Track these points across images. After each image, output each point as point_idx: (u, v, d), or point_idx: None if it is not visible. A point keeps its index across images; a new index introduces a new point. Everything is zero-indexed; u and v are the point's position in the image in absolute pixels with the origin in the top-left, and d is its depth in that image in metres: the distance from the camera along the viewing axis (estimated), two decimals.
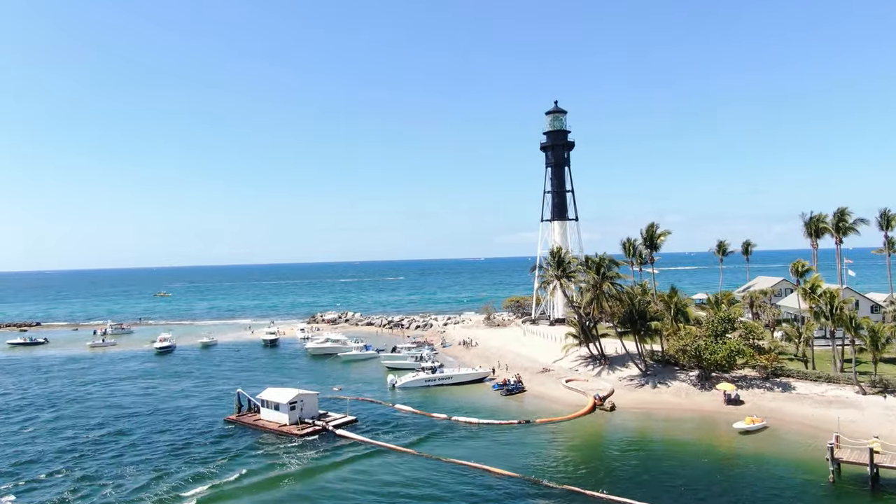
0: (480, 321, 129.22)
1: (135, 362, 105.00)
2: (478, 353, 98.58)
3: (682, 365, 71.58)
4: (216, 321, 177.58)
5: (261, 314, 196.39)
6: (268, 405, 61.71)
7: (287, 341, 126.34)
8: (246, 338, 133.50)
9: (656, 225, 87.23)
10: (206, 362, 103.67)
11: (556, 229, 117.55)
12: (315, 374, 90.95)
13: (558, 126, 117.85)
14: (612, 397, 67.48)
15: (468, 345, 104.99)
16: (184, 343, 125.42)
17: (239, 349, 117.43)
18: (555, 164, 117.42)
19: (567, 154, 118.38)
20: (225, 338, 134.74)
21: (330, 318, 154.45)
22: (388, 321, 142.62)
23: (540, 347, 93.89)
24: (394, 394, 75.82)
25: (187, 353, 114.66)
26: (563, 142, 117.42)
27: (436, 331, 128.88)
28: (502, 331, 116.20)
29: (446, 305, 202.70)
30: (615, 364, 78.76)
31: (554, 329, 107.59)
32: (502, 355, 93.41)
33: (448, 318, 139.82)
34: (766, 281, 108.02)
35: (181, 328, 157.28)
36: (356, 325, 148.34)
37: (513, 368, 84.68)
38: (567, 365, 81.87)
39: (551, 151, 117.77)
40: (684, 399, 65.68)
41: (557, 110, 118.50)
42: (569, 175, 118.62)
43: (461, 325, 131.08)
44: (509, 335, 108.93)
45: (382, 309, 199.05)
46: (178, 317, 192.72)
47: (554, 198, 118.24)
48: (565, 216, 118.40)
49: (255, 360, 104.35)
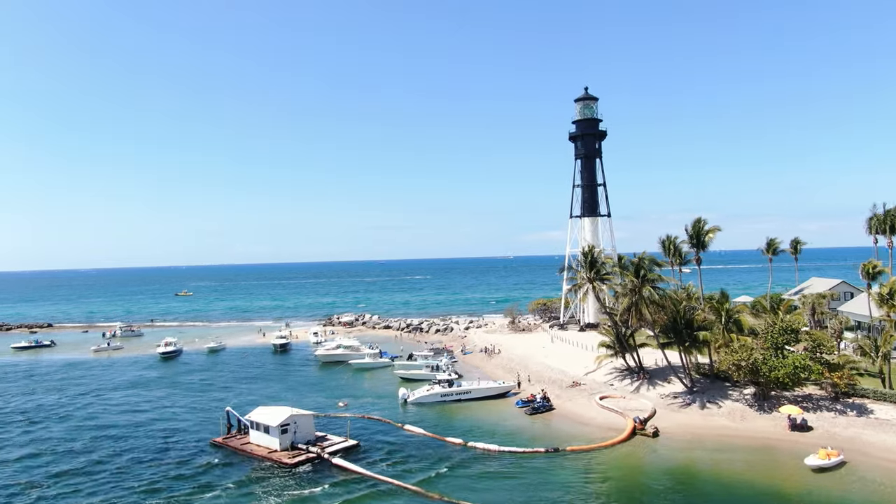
0: (504, 325, 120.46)
1: (134, 369, 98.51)
2: (500, 363, 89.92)
3: (733, 381, 62.19)
4: (231, 322, 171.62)
5: (279, 315, 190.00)
6: (257, 427, 53.98)
7: (299, 346, 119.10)
8: (257, 342, 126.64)
9: (704, 220, 77.58)
10: (209, 369, 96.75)
11: (586, 226, 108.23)
12: (322, 385, 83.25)
13: (588, 114, 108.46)
14: (655, 419, 58.38)
15: (490, 352, 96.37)
16: (190, 347, 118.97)
17: (246, 355, 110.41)
18: (585, 155, 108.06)
19: (598, 144, 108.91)
20: (235, 341, 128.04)
21: (346, 321, 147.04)
22: (407, 325, 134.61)
23: (569, 357, 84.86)
24: (405, 410, 67.70)
25: (192, 359, 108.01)
26: (593, 131, 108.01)
27: (456, 336, 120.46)
28: (528, 337, 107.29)
29: (471, 307, 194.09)
30: (656, 378, 69.47)
31: (584, 335, 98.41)
32: (527, 365, 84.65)
33: (470, 321, 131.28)
34: (821, 283, 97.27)
35: (193, 330, 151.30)
36: (373, 328, 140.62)
37: (539, 381, 75.93)
38: (600, 378, 72.79)
39: (581, 142, 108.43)
40: (740, 423, 56.26)
41: (587, 97, 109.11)
42: (600, 167, 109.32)
43: (484, 329, 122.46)
44: (535, 342, 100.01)
45: (405, 310, 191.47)
46: (193, 318, 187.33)
47: (584, 192, 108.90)
48: (596, 212, 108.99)
49: (260, 368, 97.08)
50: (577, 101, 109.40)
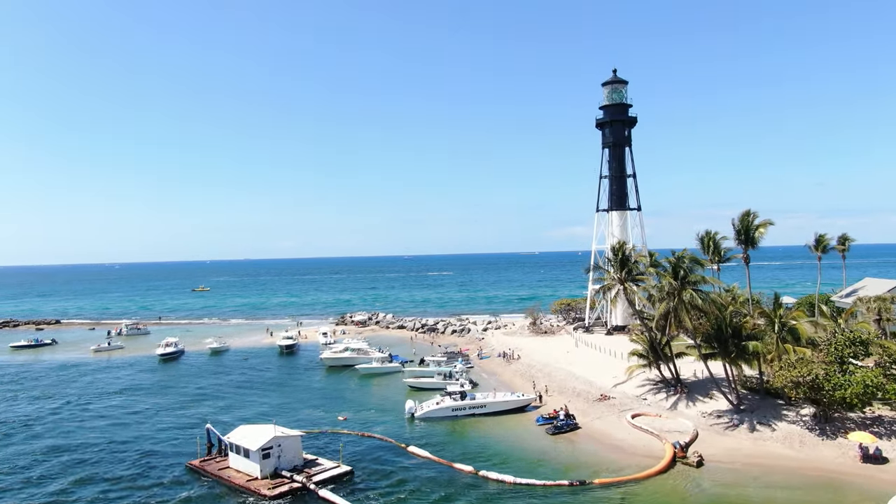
0: (525, 326, 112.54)
1: (129, 373, 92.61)
2: (519, 370, 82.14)
3: (787, 398, 53.81)
4: (241, 320, 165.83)
5: (293, 312, 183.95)
6: (237, 450, 46.99)
7: (307, 347, 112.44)
8: (263, 342, 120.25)
9: (754, 213, 68.81)
10: (206, 374, 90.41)
11: (614, 220, 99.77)
12: (324, 393, 76.25)
13: (617, 99, 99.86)
14: (697, 443, 50.26)
15: (509, 357, 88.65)
16: (193, 348, 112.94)
17: (249, 357, 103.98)
18: (613, 143, 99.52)
19: (628, 132, 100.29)
20: (240, 341, 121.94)
21: (359, 320, 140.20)
22: (422, 325, 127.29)
23: (596, 365, 76.78)
24: (412, 426, 60.40)
25: (192, 361, 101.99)
26: (622, 117, 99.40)
27: (473, 338, 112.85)
28: (550, 340, 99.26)
29: (492, 306, 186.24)
30: (695, 393, 61.19)
31: (612, 340, 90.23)
32: (549, 373, 76.81)
33: (488, 322, 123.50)
34: (877, 284, 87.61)
35: (201, 329, 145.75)
36: (387, 328, 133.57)
37: (562, 392, 68.10)
38: (632, 391, 64.69)
39: (609, 129, 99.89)
40: (799, 451, 47.90)
41: (616, 80, 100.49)
42: (630, 156, 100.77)
43: (503, 330, 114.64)
44: (558, 346, 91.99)
45: (424, 308, 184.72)
46: (204, 315, 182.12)
47: (612, 183, 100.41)
48: (625, 205, 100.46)
49: (260, 373, 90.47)
50: (605, 84, 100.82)
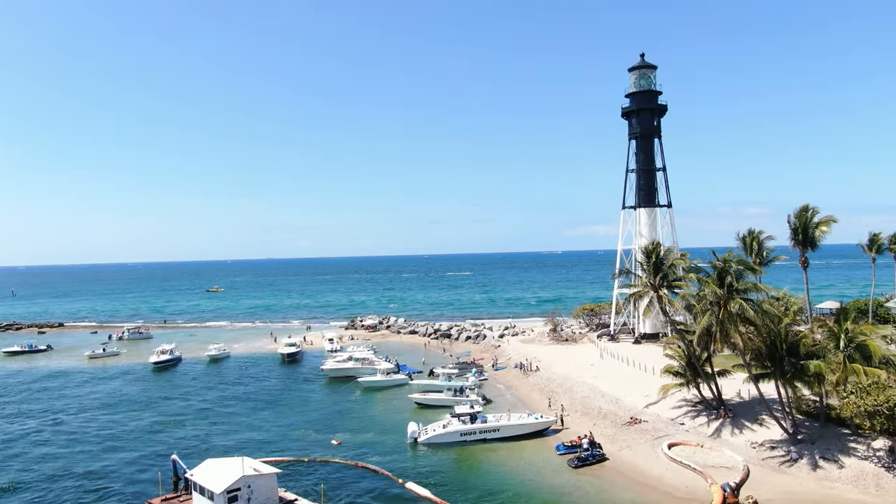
0: (544, 333, 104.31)
1: (118, 383, 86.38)
2: (538, 383, 74.13)
3: (855, 427, 45.28)
4: (249, 323, 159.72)
5: (305, 315, 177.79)
6: (200, 490, 39.72)
7: (312, 354, 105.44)
8: (266, 348, 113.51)
9: (813, 209, 60.04)
10: (198, 386, 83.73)
11: (642, 218, 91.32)
12: (321, 410, 68.97)
13: (645, 85, 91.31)
14: (749, 483, 42.01)
15: (526, 369, 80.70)
16: (192, 355, 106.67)
17: (248, 366, 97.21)
18: (641, 134, 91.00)
19: (657, 121, 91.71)
20: (243, 348, 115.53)
21: (369, 324, 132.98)
22: (435, 330, 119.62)
23: (624, 380, 68.51)
24: (415, 452, 52.95)
25: (187, 370, 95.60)
26: (651, 105, 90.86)
27: (489, 345, 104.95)
28: (572, 349, 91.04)
29: (512, 308, 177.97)
30: (742, 417, 52.76)
31: (641, 350, 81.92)
32: (570, 388, 68.77)
33: (505, 328, 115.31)
34: None
35: (206, 333, 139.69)
36: (398, 332, 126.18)
37: (586, 414, 60.09)
38: (667, 413, 56.41)
39: (636, 118, 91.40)
40: (876, 496, 39.42)
41: (644, 65, 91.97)
42: (659, 148, 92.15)
43: (521, 337, 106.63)
44: (581, 357, 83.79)
45: (440, 311, 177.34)
46: (212, 318, 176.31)
47: (640, 178, 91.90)
48: (654, 201, 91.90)
49: (257, 385, 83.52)
50: (632, 70, 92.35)
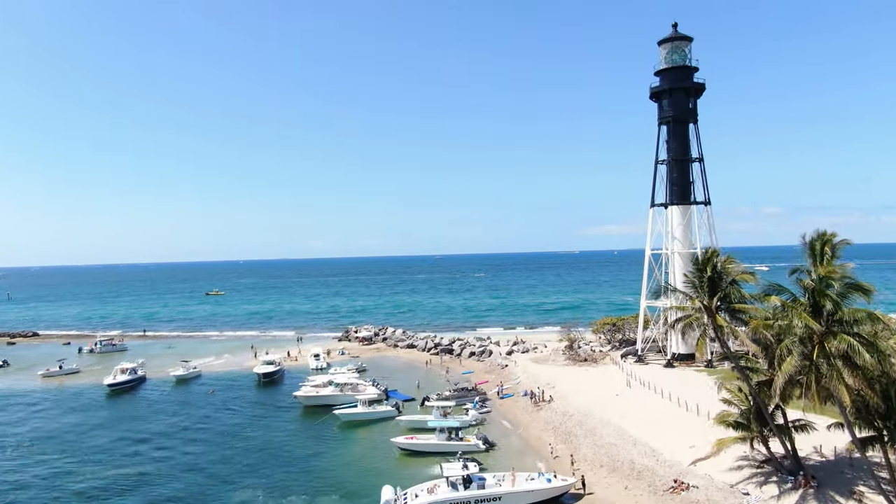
0: (559, 350, 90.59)
1: (57, 411, 74.29)
2: (552, 420, 60.48)
3: None
4: (238, 333, 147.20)
5: (303, 322, 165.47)
6: None
7: (295, 373, 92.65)
8: (244, 364, 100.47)
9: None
10: (150, 415, 71.25)
11: (674, 218, 77.45)
12: (280, 456, 55.89)
13: (678, 60, 77.36)
14: None
15: (538, 399, 67.07)
16: (160, 374, 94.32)
17: (216, 389, 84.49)
18: (674, 118, 77.07)
19: (693, 103, 77.84)
20: (220, 364, 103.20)
21: (364, 336, 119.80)
22: (435, 344, 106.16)
23: (661, 420, 54.65)
24: None
25: (147, 394, 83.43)
26: (685, 83, 76.97)
27: (495, 363, 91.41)
28: (591, 372, 77.22)
29: (525, 316, 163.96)
30: (830, 486, 38.83)
31: (676, 376, 68.21)
32: (592, 430, 55.12)
33: (514, 343, 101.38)
34: None
35: (186, 344, 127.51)
36: (395, 346, 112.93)
37: (614, 470, 46.51)
38: (722, 475, 42.52)
39: (668, 100, 77.49)
40: None
41: (677, 37, 78.01)
42: (695, 135, 78.19)
43: (532, 354, 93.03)
44: (603, 383, 69.98)
45: (448, 318, 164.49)
46: (201, 326, 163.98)
47: (671, 170, 77.96)
48: (689, 198, 77.94)
49: (217, 415, 70.69)
50: (663, 43, 78.41)
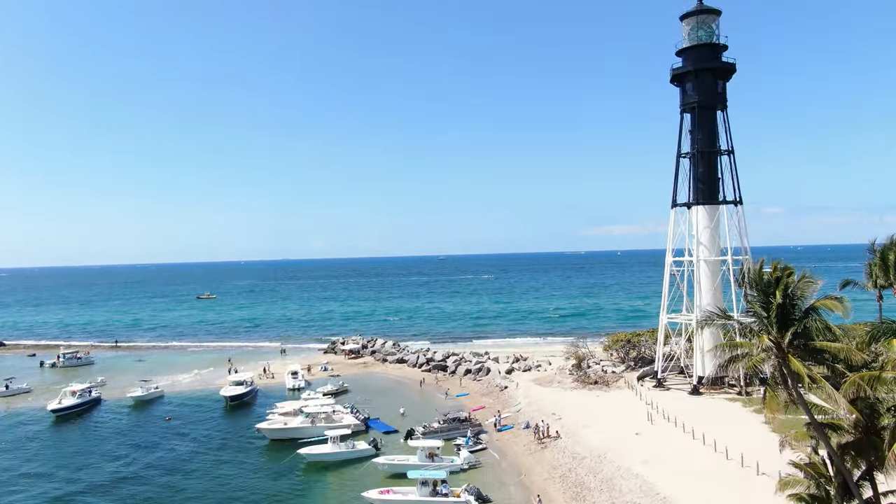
0: (566, 369, 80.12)
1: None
2: (559, 465, 49.97)
3: None
4: (220, 343, 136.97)
5: (292, 331, 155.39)
6: None
7: (268, 394, 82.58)
8: (216, 383, 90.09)
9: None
10: (88, 451, 60.90)
11: (700, 220, 66.88)
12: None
13: (705, 37, 66.85)
14: None
15: (542, 435, 56.60)
16: (118, 394, 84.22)
17: (174, 415, 74.21)
18: (699, 104, 66.56)
19: (722, 86, 67.40)
20: (190, 381, 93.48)
21: (351, 349, 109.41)
22: (427, 360, 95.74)
23: (695, 473, 44.01)
24: None
25: (98, 420, 73.51)
26: (712, 63, 66.46)
27: (493, 383, 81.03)
28: (604, 398, 66.63)
29: (528, 324, 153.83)
30: None
31: (705, 407, 57.80)
32: (610, 481, 44.64)
33: (515, 359, 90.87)
34: None
35: (159, 357, 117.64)
36: (384, 360, 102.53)
37: None
38: None
39: (692, 83, 67.01)
40: None
41: (703, 10, 67.50)
42: (724, 123, 67.70)
43: (535, 373, 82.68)
44: (619, 415, 59.41)
45: (446, 327, 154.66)
46: (182, 334, 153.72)
47: (696, 165, 67.41)
48: (717, 196, 67.42)
49: (168, 446, 60.52)
50: (687, 17, 67.90)
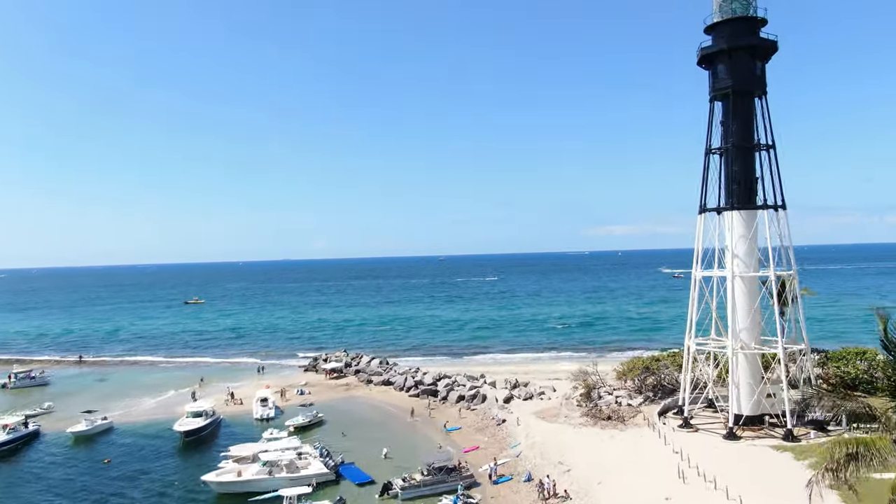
0: (573, 399, 69.43)
1: None
2: None
3: None
4: (193, 358, 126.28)
5: (277, 343, 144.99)
6: None
7: (233, 425, 72.24)
8: (176, 411, 79.19)
9: None
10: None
11: (735, 228, 55.96)
12: None
13: (740, 10, 55.99)
14: None
15: (547, 494, 45.95)
16: (61, 425, 73.54)
17: (118, 454, 63.64)
18: (734, 89, 55.72)
19: (761, 68, 56.63)
20: (152, 405, 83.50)
21: (333, 368, 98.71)
22: (416, 382, 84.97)
23: None
24: None
25: (27, 460, 63.09)
26: (750, 41, 55.65)
27: (489, 414, 70.37)
28: (620, 441, 55.87)
29: (530, 335, 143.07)
30: None
31: (747, 457, 47.00)
32: None
33: (514, 385, 79.87)
34: None
35: (123, 375, 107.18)
36: (368, 381, 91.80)
37: None
38: None
39: (726, 64, 56.20)
40: None
41: None
42: (763, 113, 56.92)
43: (537, 403, 72.06)
44: (641, 469, 48.60)
45: (445, 335, 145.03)
46: (155, 347, 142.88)
47: (730, 163, 56.59)
48: (754, 200, 56.66)
49: (95, 502, 50.09)
50: None
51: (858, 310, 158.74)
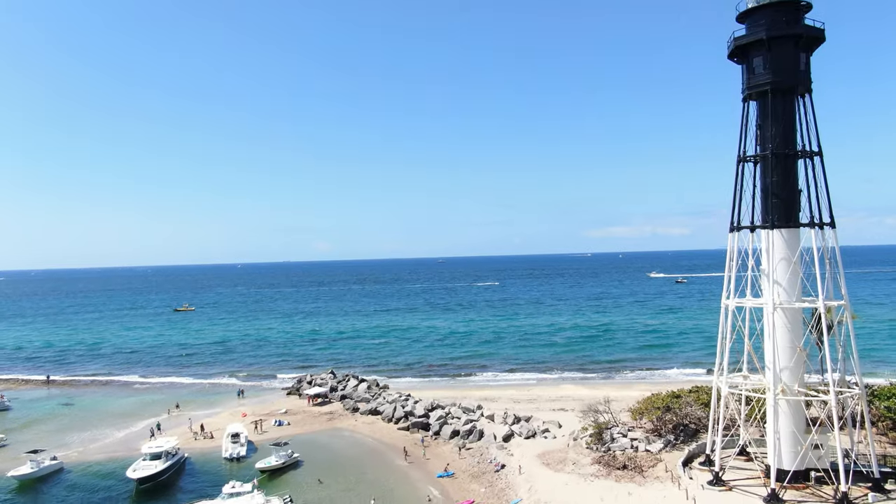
0: (581, 441, 61.12)
1: None
2: None
3: None
4: (170, 378, 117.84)
5: (266, 360, 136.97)
6: None
7: (198, 465, 64.01)
8: (133, 452, 70.29)
9: None
10: None
11: (775, 248, 47.47)
12: None
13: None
14: None
15: None
16: (8, 466, 65.28)
17: (67, 499, 55.61)
18: (774, 86, 47.30)
19: (805, 61, 48.28)
20: (116, 438, 75.72)
21: (317, 393, 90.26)
22: (406, 413, 76.49)
23: None
24: None
25: None
26: (792, 30, 47.30)
27: (486, 456, 61.96)
28: (639, 498, 47.49)
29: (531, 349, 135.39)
30: None
31: None
32: None
33: (514, 422, 71.09)
34: None
35: (92, 399, 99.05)
36: (354, 409, 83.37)
37: None
38: None
39: (764, 56, 47.81)
40: None
41: None
42: (808, 114, 48.55)
43: (541, 442, 63.79)
44: None
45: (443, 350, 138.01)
46: (131, 364, 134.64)
47: (769, 173, 48.18)
48: (796, 217, 48.23)
49: None
50: None
51: (881, 322, 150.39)
